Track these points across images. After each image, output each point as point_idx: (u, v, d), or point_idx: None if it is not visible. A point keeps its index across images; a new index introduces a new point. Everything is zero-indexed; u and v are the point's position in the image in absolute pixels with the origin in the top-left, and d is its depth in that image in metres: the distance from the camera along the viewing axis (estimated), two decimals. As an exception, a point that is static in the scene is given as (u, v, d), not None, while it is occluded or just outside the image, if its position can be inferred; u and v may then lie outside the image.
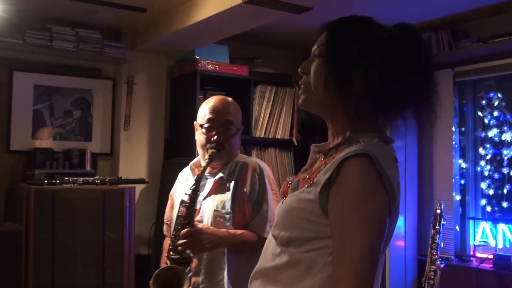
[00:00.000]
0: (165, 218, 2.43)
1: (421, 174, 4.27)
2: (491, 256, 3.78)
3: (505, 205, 3.88)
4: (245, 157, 2.32)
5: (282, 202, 1.35)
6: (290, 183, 1.35)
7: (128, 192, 3.57)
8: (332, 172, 1.19)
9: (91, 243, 3.44)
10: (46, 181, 3.37)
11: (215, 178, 2.21)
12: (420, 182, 4.26)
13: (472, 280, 3.79)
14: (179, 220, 2.11)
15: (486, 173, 4.01)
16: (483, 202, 4.02)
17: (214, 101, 2.26)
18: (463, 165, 4.17)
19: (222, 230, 2.12)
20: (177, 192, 2.37)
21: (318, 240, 1.21)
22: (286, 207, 1.29)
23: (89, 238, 3.44)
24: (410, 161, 4.17)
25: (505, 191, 3.88)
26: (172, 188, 2.46)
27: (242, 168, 2.22)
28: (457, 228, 4.11)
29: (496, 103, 3.99)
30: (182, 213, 2.11)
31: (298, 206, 1.24)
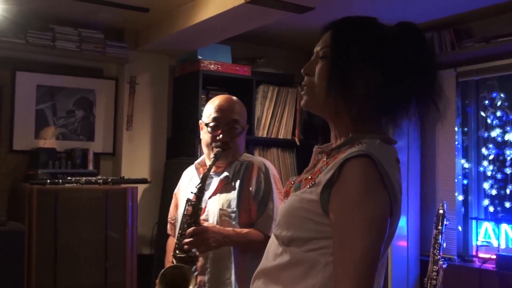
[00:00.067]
0: (169, 217, 2.43)
1: (423, 174, 4.27)
2: (494, 256, 3.78)
3: (507, 205, 3.87)
4: (250, 156, 2.33)
5: (285, 202, 1.35)
6: (292, 183, 1.35)
7: (130, 192, 3.57)
8: (333, 172, 1.19)
9: (94, 243, 3.44)
10: (48, 180, 3.37)
11: (221, 177, 2.21)
12: (422, 182, 4.25)
13: (474, 280, 3.78)
14: (185, 218, 2.11)
15: (489, 173, 4.00)
16: (486, 202, 4.01)
17: (219, 100, 2.26)
18: (466, 165, 4.16)
19: (228, 229, 2.12)
20: (181, 191, 2.37)
21: (319, 240, 1.21)
22: (288, 207, 1.29)
23: (91, 237, 3.44)
24: (413, 161, 4.17)
25: (507, 191, 3.88)
26: (175, 187, 2.46)
27: (248, 167, 2.22)
28: (459, 228, 4.10)
29: (499, 103, 3.98)
30: (188, 211, 2.11)
31: (300, 206, 1.25)
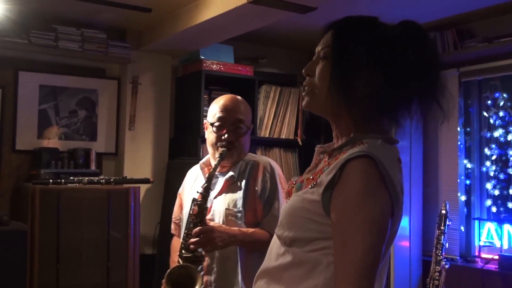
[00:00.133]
0: (173, 217, 2.43)
1: (426, 175, 4.26)
2: (496, 257, 3.77)
3: (510, 205, 3.86)
4: (255, 156, 2.33)
5: (287, 202, 1.35)
6: (294, 183, 1.35)
7: (133, 191, 3.57)
8: (335, 173, 1.19)
9: (96, 243, 3.44)
10: (51, 180, 3.37)
11: (226, 177, 2.21)
12: (425, 183, 4.25)
13: (477, 280, 3.77)
14: (191, 218, 2.11)
15: (492, 173, 4.00)
16: (489, 202, 4.00)
17: (224, 100, 2.26)
18: (469, 165, 4.15)
19: (234, 229, 2.12)
20: (186, 191, 2.37)
21: (321, 240, 1.21)
22: (289, 207, 1.29)
23: (94, 237, 3.44)
24: (415, 161, 4.16)
25: (510, 192, 3.87)
26: (177, 187, 2.46)
27: (253, 167, 2.22)
28: (462, 228, 4.10)
29: (501, 103, 3.98)
30: (194, 211, 2.11)
31: (301, 206, 1.25)
